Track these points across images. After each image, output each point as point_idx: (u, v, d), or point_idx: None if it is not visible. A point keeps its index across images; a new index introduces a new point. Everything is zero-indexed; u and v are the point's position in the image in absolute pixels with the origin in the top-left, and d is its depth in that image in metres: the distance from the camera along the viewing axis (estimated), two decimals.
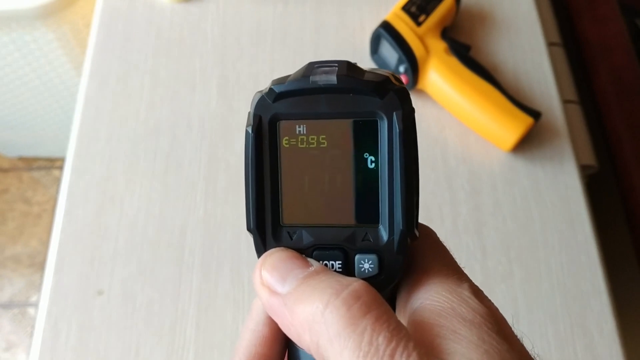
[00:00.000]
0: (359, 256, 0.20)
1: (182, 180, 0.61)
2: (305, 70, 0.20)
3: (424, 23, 0.63)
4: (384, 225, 0.20)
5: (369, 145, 0.20)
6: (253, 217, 0.21)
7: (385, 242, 0.20)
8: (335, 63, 0.20)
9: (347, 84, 0.19)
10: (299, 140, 0.20)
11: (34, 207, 1.49)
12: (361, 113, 0.20)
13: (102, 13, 0.72)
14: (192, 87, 0.67)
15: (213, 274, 0.56)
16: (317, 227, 0.21)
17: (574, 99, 0.69)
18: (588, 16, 0.77)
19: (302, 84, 0.20)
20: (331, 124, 0.20)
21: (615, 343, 0.53)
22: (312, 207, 0.21)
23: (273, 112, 0.20)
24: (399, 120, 0.19)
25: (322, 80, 0.19)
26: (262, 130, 0.20)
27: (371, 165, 0.20)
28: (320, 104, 0.20)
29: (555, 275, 0.56)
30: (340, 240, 0.20)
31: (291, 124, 0.20)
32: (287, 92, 0.20)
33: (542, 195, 0.60)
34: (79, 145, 0.63)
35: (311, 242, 0.21)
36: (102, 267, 0.57)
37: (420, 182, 0.21)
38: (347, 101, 0.20)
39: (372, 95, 0.19)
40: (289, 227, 0.21)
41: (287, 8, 0.72)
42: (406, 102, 0.20)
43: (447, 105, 0.64)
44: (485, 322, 0.18)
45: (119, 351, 0.53)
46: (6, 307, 1.37)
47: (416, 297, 0.20)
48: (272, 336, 0.23)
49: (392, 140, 0.19)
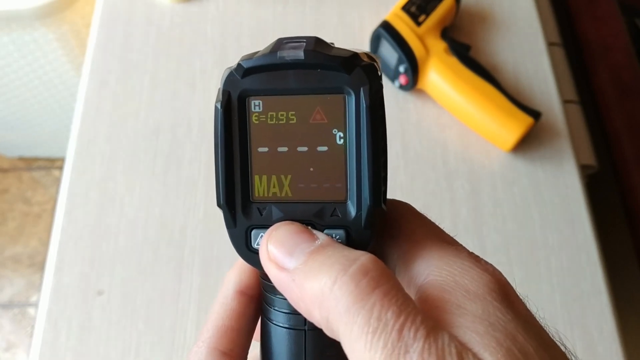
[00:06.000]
0: (327, 231, 0.20)
1: (182, 180, 0.61)
2: (274, 46, 0.20)
3: (424, 23, 0.63)
4: (352, 201, 0.20)
5: (337, 121, 0.20)
6: (223, 193, 0.21)
7: (353, 218, 0.20)
8: (304, 39, 0.20)
9: (314, 59, 0.19)
10: (268, 116, 0.20)
11: (34, 207, 1.49)
12: (329, 89, 0.20)
13: (102, 13, 0.72)
14: (192, 87, 0.67)
15: (213, 274, 0.56)
16: (286, 202, 0.21)
17: (574, 99, 0.69)
18: (588, 16, 0.77)
19: (269, 59, 0.20)
20: (300, 99, 0.20)
21: (615, 343, 0.53)
22: (281, 183, 0.21)
23: (242, 87, 0.20)
24: (366, 95, 0.19)
25: (289, 56, 0.19)
26: (231, 106, 0.20)
27: (339, 141, 0.20)
28: (289, 80, 0.20)
29: (555, 275, 0.56)
30: (310, 216, 0.21)
31: (260, 99, 0.20)
32: (255, 68, 0.20)
33: (542, 195, 0.60)
34: (79, 145, 0.63)
35: (280, 217, 0.21)
36: (102, 267, 0.57)
37: (420, 182, 0.21)
38: (315, 77, 0.20)
39: (339, 71, 0.19)
40: (258, 202, 0.21)
41: (287, 8, 0.72)
42: (374, 78, 0.20)
43: (447, 105, 0.64)
44: (490, 291, 0.19)
45: (119, 351, 0.53)
46: (6, 307, 1.37)
47: (419, 272, 0.20)
48: (241, 310, 0.23)
49: (359, 116, 0.19)
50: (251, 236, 0.21)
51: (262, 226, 0.21)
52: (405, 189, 0.60)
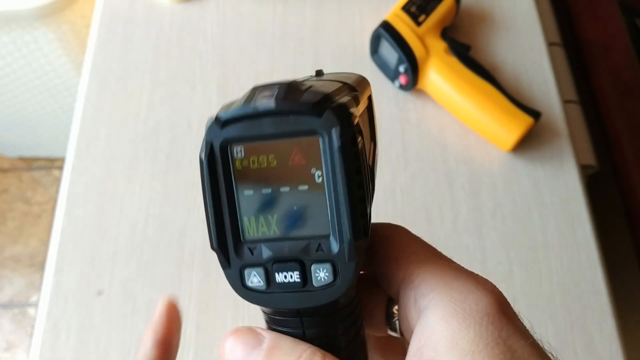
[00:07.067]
0: (315, 266, 0.22)
1: (182, 180, 0.61)
2: (248, 96, 0.21)
3: (424, 23, 0.63)
4: (334, 236, 0.21)
5: (314, 160, 0.21)
6: (215, 237, 0.22)
7: (337, 252, 0.21)
8: (277, 85, 0.21)
9: (285, 107, 0.20)
10: (250, 161, 0.21)
11: (34, 207, 1.49)
12: (303, 131, 0.21)
13: (102, 13, 0.72)
14: (192, 87, 0.67)
15: (213, 274, 0.56)
16: (274, 241, 0.22)
17: (574, 99, 0.69)
18: (588, 16, 0.77)
19: (244, 110, 0.21)
20: (278, 143, 0.21)
21: (615, 343, 0.53)
22: (268, 222, 0.22)
23: (223, 137, 0.21)
24: (337, 137, 0.20)
25: (262, 105, 0.20)
26: (215, 156, 0.22)
27: (318, 180, 0.21)
28: (265, 126, 0.21)
29: (555, 275, 0.56)
30: (297, 252, 0.22)
31: (241, 146, 0.21)
32: (233, 119, 0.21)
33: (542, 195, 0.60)
34: (79, 145, 0.63)
35: (270, 256, 0.22)
36: (102, 267, 0.57)
37: (420, 182, 0.21)
38: (289, 121, 0.21)
39: (310, 115, 0.20)
40: (249, 242, 0.22)
41: (287, 8, 0.72)
42: (344, 117, 0.20)
43: (447, 105, 0.64)
44: (492, 311, 0.20)
45: (119, 351, 0.53)
46: (6, 307, 1.37)
47: (423, 294, 0.22)
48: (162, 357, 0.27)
49: (333, 155, 0.20)
50: (245, 275, 0.22)
51: (254, 265, 0.22)
52: (405, 189, 0.60)
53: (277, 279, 0.22)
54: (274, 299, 0.22)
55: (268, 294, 0.22)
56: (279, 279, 0.22)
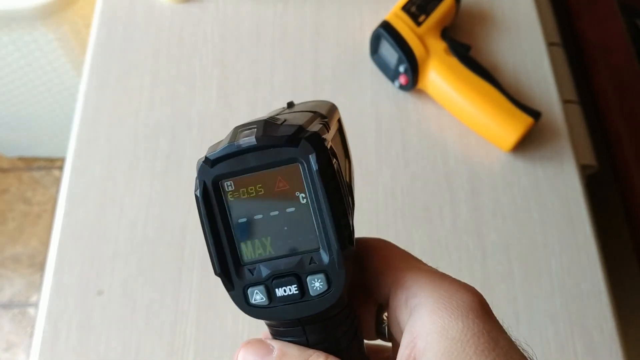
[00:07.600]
0: (310, 277, 0.24)
1: (182, 180, 0.61)
2: (231, 136, 0.24)
3: (424, 23, 0.63)
4: (324, 249, 0.24)
5: (297, 184, 0.24)
6: (217, 263, 0.25)
7: (328, 262, 0.24)
8: (255, 124, 0.24)
9: (265, 142, 0.23)
10: (240, 192, 0.24)
11: (34, 207, 1.49)
12: (284, 161, 0.23)
13: (102, 13, 0.72)
14: (192, 87, 0.67)
15: (213, 274, 0.56)
16: (271, 259, 0.24)
17: (574, 99, 0.69)
18: (588, 16, 0.77)
19: (230, 149, 0.23)
20: (263, 174, 0.24)
21: (615, 343, 0.53)
22: (263, 244, 0.25)
23: (213, 175, 0.24)
24: (314, 162, 0.23)
25: (244, 143, 0.23)
26: (208, 192, 0.24)
27: (303, 201, 0.24)
28: (250, 161, 0.24)
29: (555, 275, 0.56)
30: (292, 267, 0.24)
31: (231, 180, 0.24)
32: (220, 158, 0.24)
33: (542, 195, 0.60)
34: (79, 145, 0.63)
35: (269, 273, 0.24)
36: (102, 267, 0.57)
37: (421, 182, 0.22)
38: (270, 154, 0.23)
39: (288, 146, 0.23)
40: (248, 264, 0.25)
41: (287, 8, 0.72)
42: (318, 143, 0.23)
43: (447, 105, 0.64)
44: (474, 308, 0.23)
45: (119, 351, 0.53)
46: (6, 307, 1.37)
47: (414, 294, 0.24)
48: None
49: (313, 178, 0.23)
50: (248, 294, 0.25)
51: (255, 283, 0.25)
52: (405, 189, 0.60)
53: (277, 293, 0.24)
54: (277, 312, 0.24)
55: (271, 308, 0.24)
56: (279, 293, 0.24)
